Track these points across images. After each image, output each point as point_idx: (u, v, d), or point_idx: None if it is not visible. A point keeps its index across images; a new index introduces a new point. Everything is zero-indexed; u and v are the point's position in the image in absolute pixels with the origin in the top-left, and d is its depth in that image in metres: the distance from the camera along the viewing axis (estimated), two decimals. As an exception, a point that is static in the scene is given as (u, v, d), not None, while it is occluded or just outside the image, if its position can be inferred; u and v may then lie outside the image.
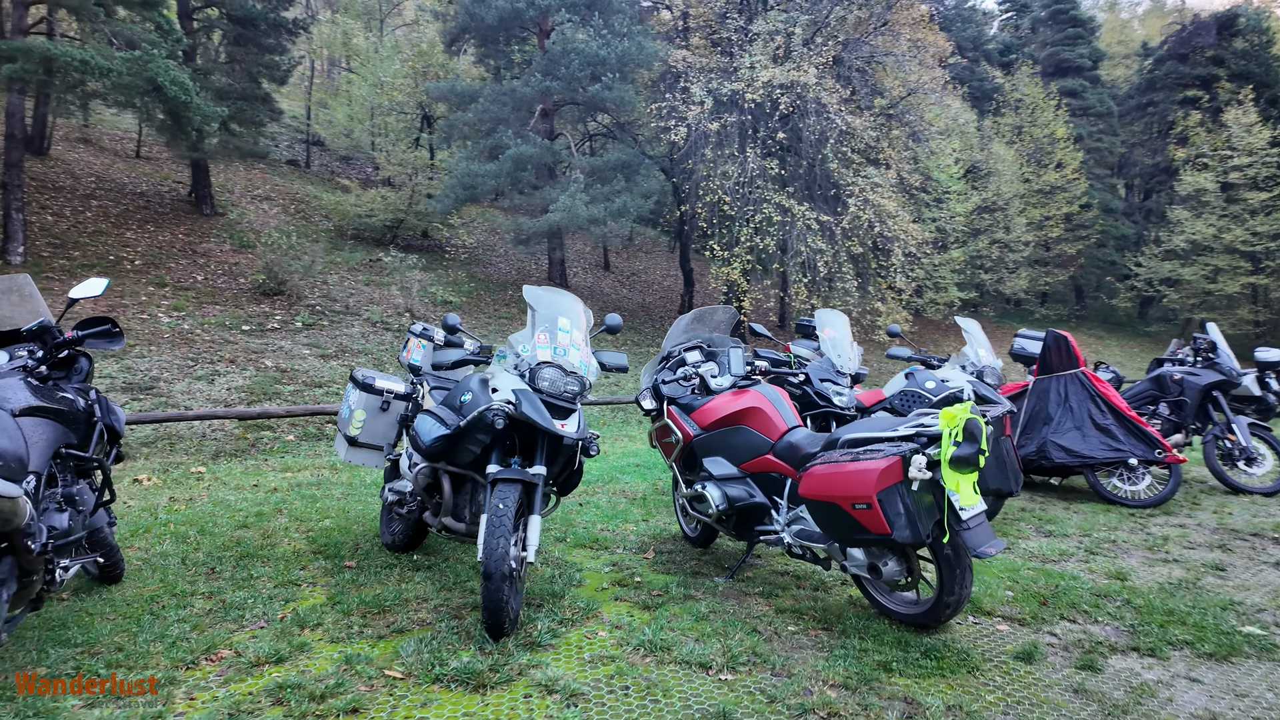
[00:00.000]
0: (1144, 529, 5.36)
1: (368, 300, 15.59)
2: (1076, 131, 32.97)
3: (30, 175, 16.20)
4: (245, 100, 15.83)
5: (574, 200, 14.62)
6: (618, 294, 22.92)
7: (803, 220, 15.43)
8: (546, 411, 3.27)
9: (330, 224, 19.98)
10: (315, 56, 29.01)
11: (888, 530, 2.95)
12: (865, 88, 17.68)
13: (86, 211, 15.59)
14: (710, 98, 15.39)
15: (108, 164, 18.82)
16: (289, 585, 3.72)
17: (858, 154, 16.57)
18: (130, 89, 10.90)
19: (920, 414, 3.22)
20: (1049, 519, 5.58)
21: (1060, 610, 3.62)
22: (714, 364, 4.33)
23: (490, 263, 21.50)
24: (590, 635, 3.20)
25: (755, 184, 15.57)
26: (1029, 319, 34.05)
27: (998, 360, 5.77)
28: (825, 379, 4.94)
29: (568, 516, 5.24)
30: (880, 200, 16.14)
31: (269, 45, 16.99)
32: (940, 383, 5.56)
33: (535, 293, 3.68)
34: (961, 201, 25.54)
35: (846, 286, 16.68)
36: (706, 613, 3.46)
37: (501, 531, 2.96)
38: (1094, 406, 6.38)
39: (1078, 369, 6.57)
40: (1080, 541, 4.96)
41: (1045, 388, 6.71)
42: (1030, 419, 6.69)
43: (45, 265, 12.84)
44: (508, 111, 16.24)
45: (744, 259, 15.97)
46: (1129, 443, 6.14)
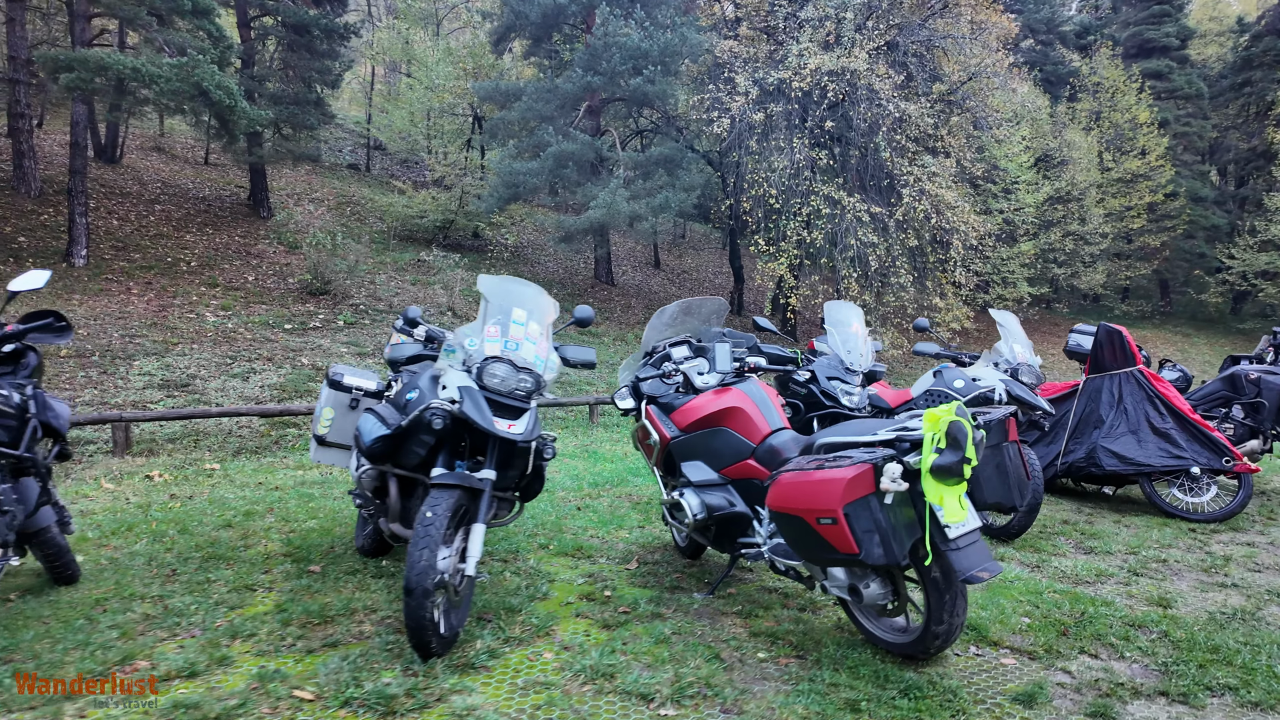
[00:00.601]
0: (1204, 547, 4.76)
1: (412, 299, 15.72)
2: (1161, 115, 30.90)
3: (100, 182, 16.98)
4: (297, 105, 16.19)
5: (614, 196, 14.39)
6: (665, 292, 22.60)
7: (853, 212, 14.80)
8: (489, 411, 3.01)
9: (384, 225, 20.33)
10: (375, 62, 29.69)
11: (854, 550, 2.57)
12: (923, 73, 16.87)
13: (150, 216, 16.21)
14: (756, 87, 14.92)
15: (176, 171, 19.59)
16: (243, 590, 3.57)
17: (913, 142, 15.81)
18: (178, 95, 11.20)
19: (910, 415, 2.82)
20: (1093, 533, 5.01)
21: (1082, 642, 3.16)
22: (703, 360, 4.00)
23: (538, 262, 21.50)
24: (534, 657, 2.92)
25: (802, 175, 15.02)
26: (1108, 316, 32.14)
27: (1035, 357, 5.23)
28: (833, 377, 4.54)
29: (560, 521, 4.98)
30: (938, 190, 15.36)
31: (322, 51, 17.35)
32: (970, 381, 5.08)
33: (490, 282, 3.43)
34: (1031, 192, 24.20)
35: (901, 281, 15.94)
36: (670, 634, 3.14)
37: (426, 542, 2.71)
38: (1151, 408, 5.75)
39: (1134, 366, 5.94)
40: (1125, 560, 4.41)
41: (1097, 388, 6.10)
42: (1080, 422, 6.10)
43: (106, 267, 13.37)
44: (551, 109, 16.13)
45: (791, 254, 15.44)
46: (1191, 449, 5.50)
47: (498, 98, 16.65)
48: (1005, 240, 25.05)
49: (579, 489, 6.09)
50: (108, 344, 10.19)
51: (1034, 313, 25.67)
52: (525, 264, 20.81)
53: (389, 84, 31.42)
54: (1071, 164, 26.80)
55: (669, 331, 4.21)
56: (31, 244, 13.38)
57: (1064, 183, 26.30)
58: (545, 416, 11.35)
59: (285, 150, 16.38)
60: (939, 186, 15.62)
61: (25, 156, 14.77)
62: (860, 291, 16.20)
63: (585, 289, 19.77)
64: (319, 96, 17.32)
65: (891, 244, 15.63)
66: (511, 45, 18.16)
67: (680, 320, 4.27)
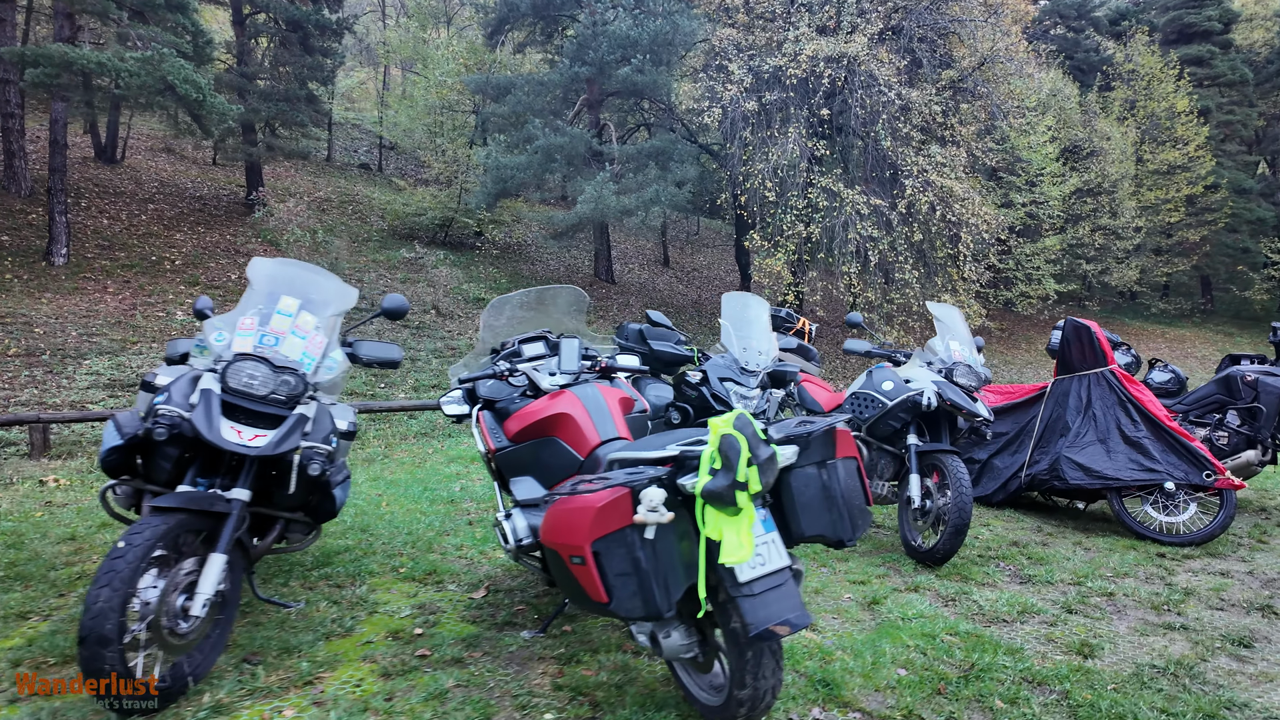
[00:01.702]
0: (1167, 577, 4.09)
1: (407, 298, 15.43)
2: (1202, 104, 29.40)
3: (95, 182, 17.02)
4: (286, 101, 16.00)
5: (601, 191, 13.89)
6: (671, 290, 22.04)
7: (852, 205, 14.09)
8: (219, 419, 2.53)
9: (385, 224, 20.14)
10: (388, 61, 29.63)
11: (604, 598, 2.03)
12: (932, 59, 16.07)
13: (142, 215, 16.17)
14: (751, 75, 14.30)
15: (179, 171, 19.61)
16: (13, 618, 3.14)
17: (919, 131, 15.02)
18: (144, 89, 11.00)
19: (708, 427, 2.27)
20: (1041, 558, 4.37)
21: (956, 705, 2.57)
22: (558, 359, 3.48)
23: (538, 259, 21.10)
24: (272, 714, 2.43)
25: (799, 167, 14.36)
26: (1145, 313, 30.71)
27: (977, 355, 4.59)
28: (726, 378, 3.97)
29: (438, 538, 4.49)
30: (945, 181, 14.56)
31: (316, 47, 17.17)
32: (901, 383, 4.48)
33: (261, 267, 2.95)
34: (1057, 184, 23.08)
35: (906, 277, 15.17)
36: (451, 686, 2.63)
37: (109, 579, 2.23)
38: (1123, 414, 5.07)
39: (1104, 367, 5.25)
40: (1064, 594, 3.78)
41: (1064, 390, 5.43)
42: (1047, 429, 5.43)
43: (87, 266, 13.29)
44: (542, 102, 15.70)
45: (789, 250, 14.78)
46: (1166, 461, 4.82)
47: (490, 91, 16.28)
48: (1028, 235, 23.98)
49: (491, 498, 5.60)
50: (63, 343, 10.01)
51: (1061, 311, 24.50)
52: (525, 261, 20.43)
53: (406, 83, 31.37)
54: (1102, 155, 25.56)
55: (518, 327, 3.69)
56: (14, 243, 13.35)
57: (1094, 174, 25.09)
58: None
59: (276, 148, 16.20)
60: (947, 177, 14.82)
61: (15, 156, 14.79)
62: (863, 288, 15.46)
63: (582, 287, 19.32)
64: (310, 93, 17.13)
65: (896, 238, 14.87)
66: (504, 38, 17.77)
67: (534, 313, 3.74)
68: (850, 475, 2.34)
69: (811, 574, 3.98)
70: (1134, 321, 29.53)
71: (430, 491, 5.72)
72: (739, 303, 4.31)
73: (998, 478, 5.68)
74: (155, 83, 10.98)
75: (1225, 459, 5.68)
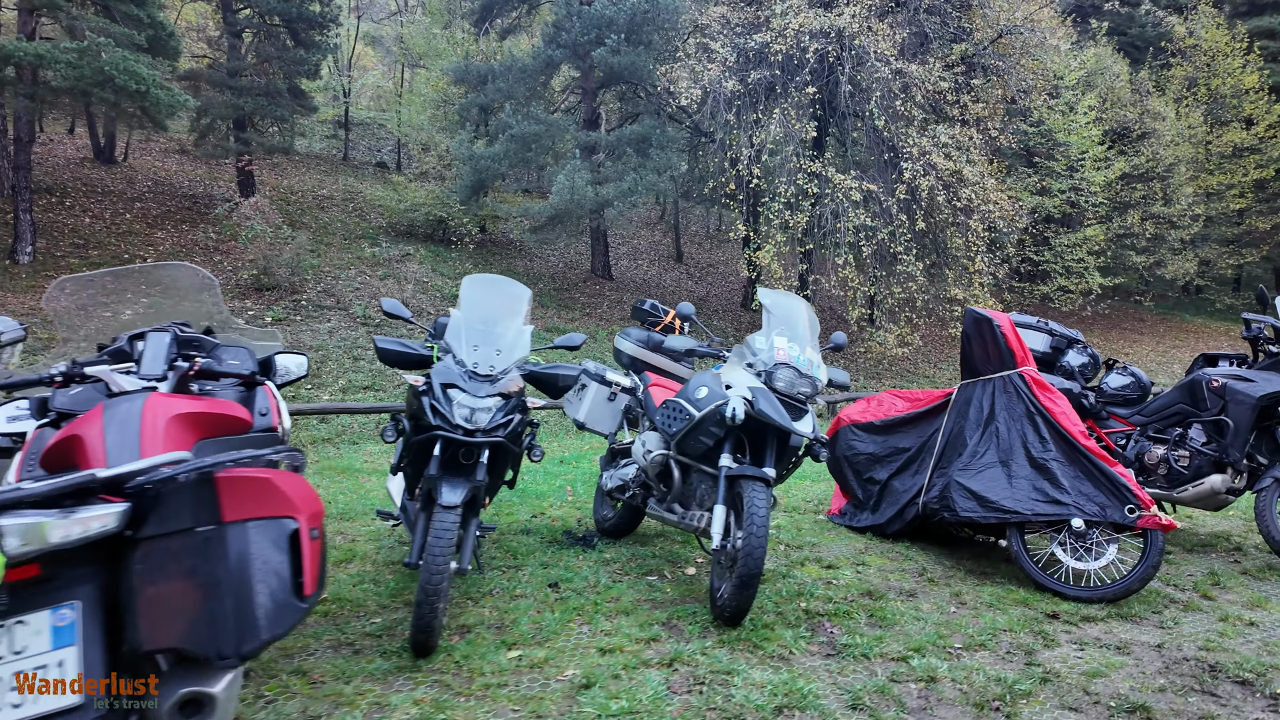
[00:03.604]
0: (1037, 651, 3.04)
1: (370, 295, 14.96)
2: (1274, 80, 26.80)
3: (86, 181, 17.08)
4: (266, 96, 15.71)
5: (573, 180, 13.10)
6: (677, 286, 21.09)
7: (844, 191, 12.94)
8: None
9: (384, 221, 19.80)
10: (403, 59, 29.48)
11: None
12: (942, 32, 14.76)
13: (127, 214, 16.11)
14: (735, 53, 13.28)
15: (175, 170, 19.66)
16: None
17: (923, 110, 13.75)
18: (83, 81, 10.71)
19: None
20: (887, 617, 3.36)
21: None
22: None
23: (536, 255, 20.43)
24: None
25: (785, 151, 13.29)
26: (1209, 309, 28.22)
27: (808, 355, 3.58)
28: (450, 384, 3.11)
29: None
30: (952, 164, 13.27)
31: (305, 40, 16.85)
32: (718, 390, 3.54)
33: None
34: (1100, 168, 21.21)
35: (910, 270, 13.92)
36: None
37: None
38: (1031, 430, 4.00)
39: (1012, 369, 4.18)
40: (871, 675, 2.79)
41: (967, 398, 4.37)
42: (948, 445, 4.39)
43: (54, 265, 13.17)
44: (522, 89, 15.01)
45: (777, 240, 13.71)
46: (1076, 491, 3.75)
47: (470, 79, 15.66)
48: (1068, 224, 22.20)
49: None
50: (-16, 341, 9.75)
51: (1106, 307, 22.61)
52: (520, 257, 19.80)
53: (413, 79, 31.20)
54: (1154, 137, 23.48)
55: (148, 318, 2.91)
56: (-15, 242, 13.33)
57: (1144, 158, 23.05)
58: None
59: (256, 143, 15.93)
60: (958, 160, 13.50)
61: (10, 159, 14.86)
62: (862, 282, 14.26)
63: (576, 284, 18.55)
64: (295, 86, 16.83)
65: (897, 227, 13.63)
66: (489, 26, 17.13)
67: (169, 300, 2.96)
68: (263, 548, 1.46)
69: (554, 634, 3.09)
70: (1195, 318, 27.15)
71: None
72: (478, 290, 3.43)
73: (895, 503, 4.65)
74: (93, 74, 10.67)
75: (1184, 485, 4.53)
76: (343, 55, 27.91)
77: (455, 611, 3.35)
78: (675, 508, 3.77)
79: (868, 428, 4.98)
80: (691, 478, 3.77)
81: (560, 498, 5.79)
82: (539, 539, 4.55)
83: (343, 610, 3.34)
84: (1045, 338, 5.40)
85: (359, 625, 3.16)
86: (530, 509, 5.39)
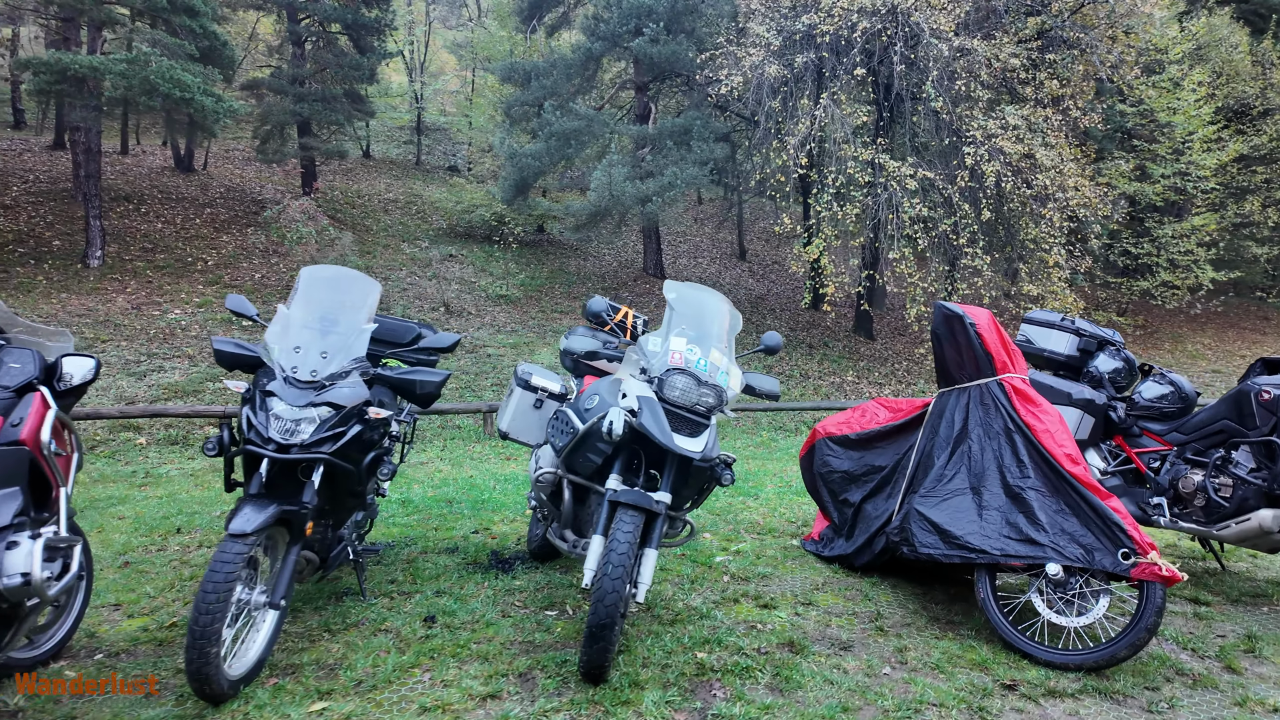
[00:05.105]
0: (961, 740, 2.39)
1: (417, 295, 15.02)
2: None
3: (163, 189, 17.96)
4: (323, 102, 16.05)
5: (610, 175, 12.71)
6: (738, 284, 20.36)
7: (897, 180, 12.00)
8: None
9: (444, 222, 20.03)
10: (472, 63, 29.91)
11: None
12: (1015, 2, 13.53)
13: (196, 218, 16.82)
14: (780, 36, 12.56)
15: (251, 176, 20.48)
16: None
17: (987, 88, 12.61)
18: (132, 90, 11.12)
19: None
20: (793, 677, 2.76)
21: None
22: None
23: (591, 253, 20.16)
24: None
25: (834, 138, 12.46)
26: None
27: (713, 360, 2.99)
28: (270, 391, 2.73)
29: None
30: (1020, 149, 12.10)
31: (364, 46, 17.16)
32: (610, 399, 3.05)
33: None
34: (1212, 150, 19.08)
35: (976, 264, 12.80)
36: None
37: None
38: (1008, 451, 3.29)
39: (990, 377, 3.47)
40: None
41: (940, 410, 3.68)
42: (920, 464, 3.72)
43: (120, 267, 13.81)
44: (567, 85, 14.75)
45: (826, 233, 12.89)
46: (1058, 529, 3.04)
47: (517, 77, 15.51)
48: (1173, 212, 20.13)
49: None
50: (34, 341, 10.22)
51: (1219, 304, 20.40)
52: (575, 256, 19.56)
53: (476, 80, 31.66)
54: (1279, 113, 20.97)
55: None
56: (63, 246, 14.13)
57: (1266, 137, 20.61)
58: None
59: (312, 148, 16.31)
60: (1028, 143, 12.30)
61: (82, 167, 15.78)
62: (922, 278, 13.23)
63: (626, 282, 18.13)
64: (353, 91, 17.16)
65: (960, 217, 12.55)
66: (537, 23, 16.94)
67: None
68: None
69: (385, 683, 2.66)
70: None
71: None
72: (316, 284, 3.01)
73: (866, 530, 3.99)
74: (140, 84, 11.06)
75: (1225, 520, 3.67)
76: (415, 61, 28.60)
77: (296, 646, 2.98)
78: (567, 534, 3.28)
79: (843, 441, 4.33)
80: (590, 500, 3.27)
81: (519, 511, 5.37)
82: (460, 560, 4.14)
83: (167, 642, 3.02)
84: (1070, 338, 4.61)
85: (170, 662, 2.82)
86: (478, 523, 4.99)
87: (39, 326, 2.69)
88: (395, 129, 30.93)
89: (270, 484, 2.78)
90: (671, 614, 3.38)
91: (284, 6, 16.40)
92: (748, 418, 11.13)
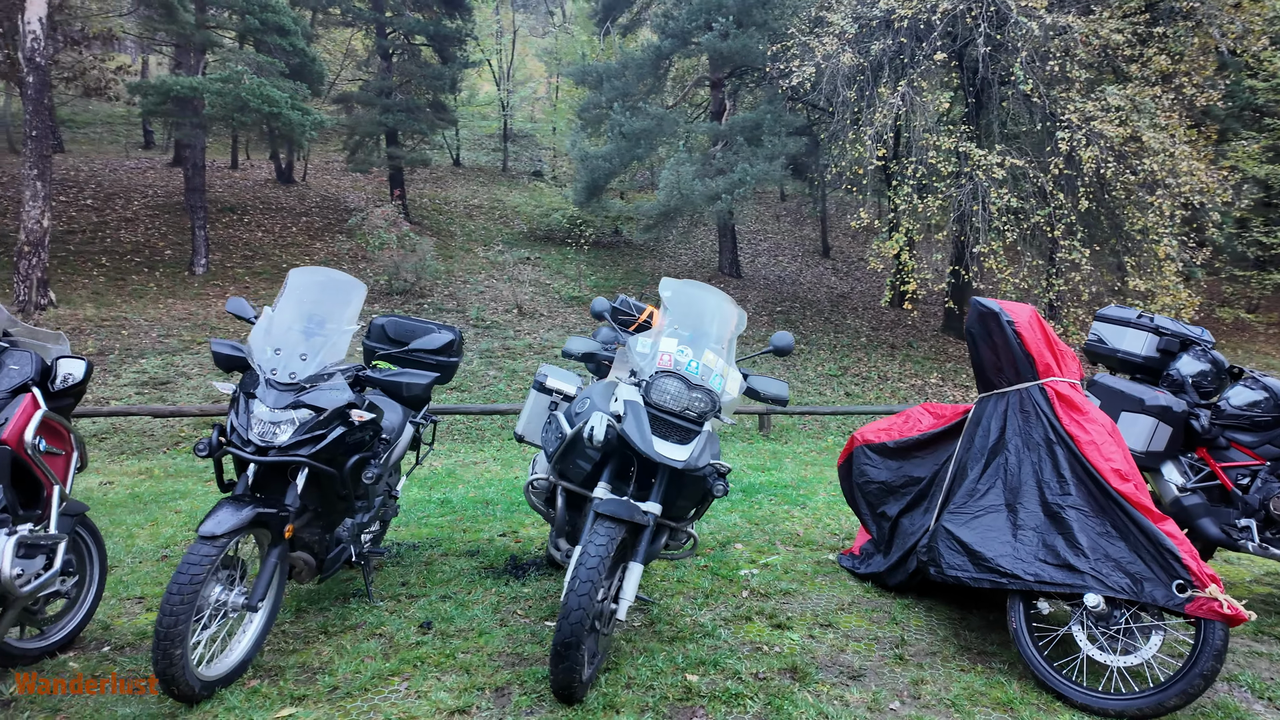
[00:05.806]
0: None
1: (493, 298, 15.30)
2: None
3: (265, 200, 19.05)
4: (406, 112, 16.61)
5: (677, 174, 12.57)
6: (817, 282, 19.75)
7: (983, 169, 11.29)
8: None
9: (526, 226, 20.40)
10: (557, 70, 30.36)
11: None
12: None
13: (294, 227, 17.76)
14: (855, 24, 12.07)
15: (348, 186, 21.48)
16: None
17: (1085, 68, 11.68)
18: (226, 107, 11.81)
19: None
20: (786, 709, 2.54)
21: None
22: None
23: (667, 254, 20.02)
24: None
25: (912, 125, 11.86)
26: None
27: (706, 362, 2.78)
28: (252, 393, 2.73)
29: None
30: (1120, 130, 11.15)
31: (447, 56, 17.68)
32: (600, 404, 2.92)
33: None
34: (1356, 127, 17.05)
35: (1074, 257, 11.88)
36: None
37: None
38: (1048, 464, 2.95)
39: (1033, 381, 3.13)
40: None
41: (979, 417, 3.35)
42: (955, 479, 3.39)
43: (223, 274, 14.72)
44: (639, 85, 14.70)
45: (908, 227, 12.29)
46: (1100, 555, 2.69)
47: (590, 80, 15.58)
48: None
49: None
50: (138, 343, 10.96)
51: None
52: (650, 257, 19.48)
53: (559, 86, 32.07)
54: None
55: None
56: (173, 255, 15.19)
57: None
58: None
59: (398, 157, 16.92)
60: (1133, 125, 11.32)
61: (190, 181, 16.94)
62: (1013, 273, 12.39)
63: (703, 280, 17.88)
64: (437, 100, 17.69)
65: (1056, 207, 11.68)
66: (610, 25, 16.94)
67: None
68: None
69: (360, 690, 2.61)
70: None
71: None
72: (301, 284, 2.98)
73: (901, 547, 3.68)
74: (233, 100, 11.73)
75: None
76: (502, 70, 29.27)
77: (289, 647, 2.98)
78: (561, 543, 3.15)
79: (881, 450, 4.02)
80: (587, 508, 3.13)
81: (554, 514, 5.29)
82: (477, 564, 4.09)
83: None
84: (1149, 337, 4.14)
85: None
86: (507, 525, 4.95)
87: (38, 330, 2.80)
88: (484, 136, 31.73)
89: (259, 485, 2.80)
90: (674, 630, 3.20)
91: (372, 22, 17.08)
92: (815, 421, 10.71)
